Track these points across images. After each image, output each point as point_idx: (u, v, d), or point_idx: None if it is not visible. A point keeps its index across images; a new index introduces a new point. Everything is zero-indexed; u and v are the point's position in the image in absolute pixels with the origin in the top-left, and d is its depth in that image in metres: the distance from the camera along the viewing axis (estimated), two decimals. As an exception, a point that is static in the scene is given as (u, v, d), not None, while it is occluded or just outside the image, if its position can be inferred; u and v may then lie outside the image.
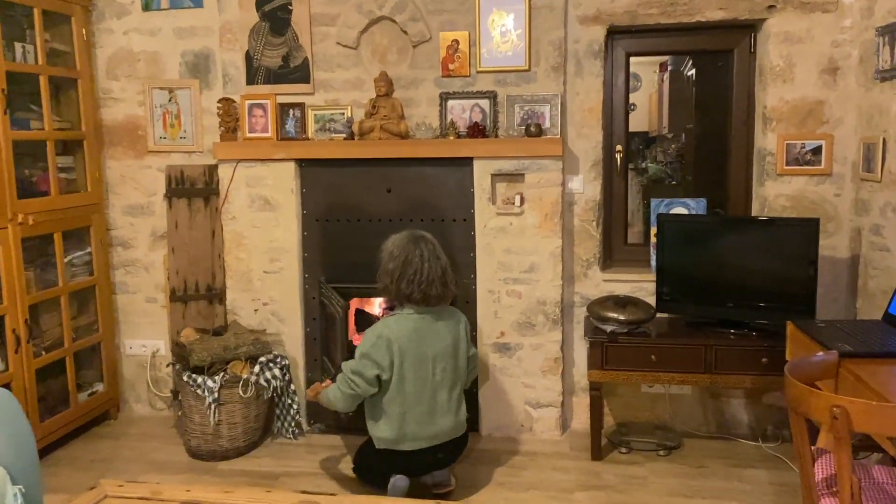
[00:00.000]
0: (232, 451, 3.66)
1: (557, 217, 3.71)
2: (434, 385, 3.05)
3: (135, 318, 4.32)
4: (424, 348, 3.04)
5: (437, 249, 3.14)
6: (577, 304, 3.92)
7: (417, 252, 3.05)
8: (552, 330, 3.79)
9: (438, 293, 3.06)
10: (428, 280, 3.03)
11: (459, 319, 3.21)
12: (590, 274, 3.89)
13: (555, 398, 3.85)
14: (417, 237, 3.11)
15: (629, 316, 3.50)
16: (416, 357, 3.02)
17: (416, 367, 3.02)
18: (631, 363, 3.48)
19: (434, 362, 3.05)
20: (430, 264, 3.05)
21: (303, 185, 3.91)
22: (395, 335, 3.02)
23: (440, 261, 3.10)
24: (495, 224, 3.76)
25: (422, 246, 3.08)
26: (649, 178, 5.42)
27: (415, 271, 3.02)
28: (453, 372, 3.11)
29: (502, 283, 3.79)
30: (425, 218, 3.84)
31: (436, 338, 3.07)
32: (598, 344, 3.51)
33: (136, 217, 4.24)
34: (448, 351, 3.09)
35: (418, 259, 3.04)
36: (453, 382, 3.12)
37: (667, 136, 5.45)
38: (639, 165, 5.37)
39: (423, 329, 3.05)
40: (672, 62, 5.13)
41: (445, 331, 3.10)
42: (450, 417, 3.10)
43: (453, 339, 3.12)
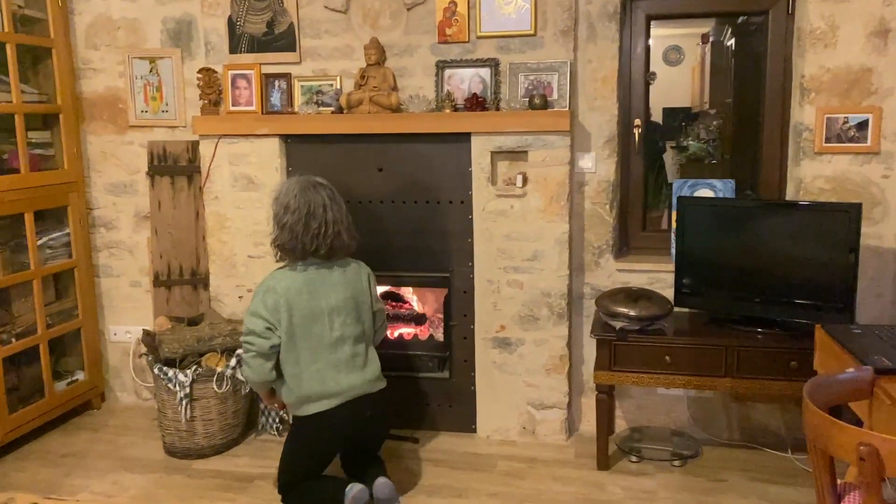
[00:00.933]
0: (208, 448, 3.40)
1: (564, 199, 3.34)
2: (332, 341, 2.78)
3: (119, 303, 4.09)
4: (317, 301, 2.77)
5: (337, 195, 2.88)
6: (588, 296, 3.55)
7: (319, 200, 2.78)
8: (557, 324, 3.43)
9: (345, 244, 2.84)
10: (335, 232, 2.79)
11: (360, 270, 2.95)
12: (602, 263, 3.51)
13: (560, 399, 3.50)
14: (314, 183, 2.83)
15: (641, 311, 3.12)
16: (308, 312, 2.75)
17: (308, 323, 2.75)
18: (642, 364, 3.11)
19: (331, 316, 2.78)
20: (333, 213, 2.80)
21: (288, 163, 3.60)
22: (283, 288, 2.75)
23: (342, 208, 2.86)
24: (495, 207, 3.40)
25: (322, 193, 2.81)
26: (688, 157, 5.00)
27: (319, 223, 2.76)
28: (355, 326, 2.84)
29: (502, 271, 3.44)
30: (419, 199, 3.50)
31: (331, 290, 2.81)
32: (605, 342, 3.14)
33: (118, 196, 3.99)
34: (348, 304, 2.83)
35: (321, 209, 2.78)
36: (356, 338, 2.85)
37: (709, 111, 5.02)
38: (680, 143, 4.98)
39: (316, 281, 2.79)
40: (714, 32, 4.68)
41: (342, 282, 2.84)
42: (356, 374, 2.81)
43: (353, 291, 2.87)
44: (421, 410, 3.65)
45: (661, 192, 3.78)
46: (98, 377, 4.02)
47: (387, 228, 3.55)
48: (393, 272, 3.58)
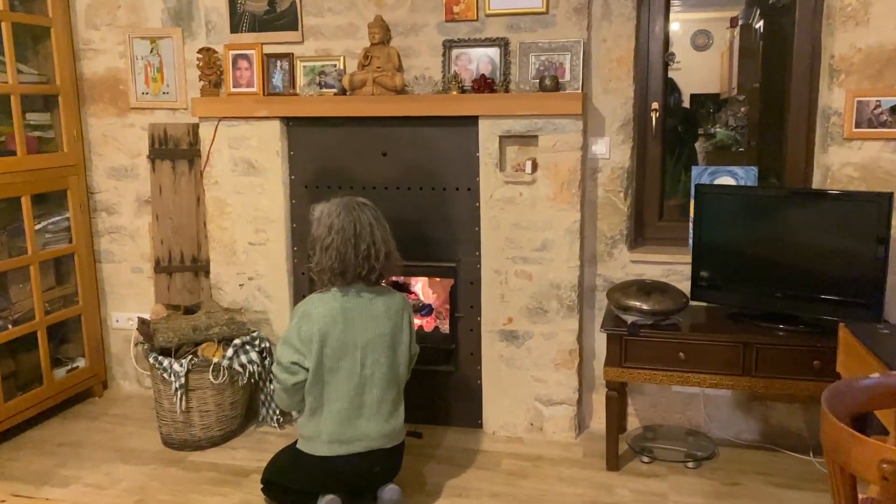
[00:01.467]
0: (205, 440, 3.31)
1: (576, 187, 3.17)
2: (362, 380, 2.57)
3: (121, 290, 4.01)
4: (353, 334, 2.55)
5: (381, 216, 2.69)
6: (600, 289, 3.39)
7: (365, 219, 2.59)
8: (567, 317, 3.28)
9: (393, 267, 2.67)
10: (385, 252, 2.62)
11: (404, 306, 2.71)
12: (615, 254, 3.35)
13: (569, 395, 3.35)
14: (358, 202, 2.64)
15: (655, 305, 2.96)
16: (341, 343, 2.53)
17: (338, 355, 2.53)
18: (655, 361, 2.95)
19: (364, 352, 2.56)
20: (381, 233, 2.63)
21: (290, 146, 3.48)
22: (319, 315, 2.54)
23: (387, 229, 2.67)
24: (503, 194, 3.25)
25: (367, 213, 2.62)
26: (714, 145, 4.82)
27: (368, 244, 2.56)
28: (389, 368, 2.61)
29: (510, 262, 3.30)
30: (424, 186, 3.36)
31: (370, 323, 2.58)
32: (616, 337, 2.99)
33: (119, 180, 3.90)
34: (384, 341, 2.59)
35: (368, 228, 2.59)
36: (388, 381, 2.62)
37: (737, 97, 4.82)
38: (708, 130, 4.79)
39: (355, 310, 2.57)
40: (742, 14, 4.47)
41: (384, 316, 2.61)
42: (378, 422, 2.59)
43: (393, 327, 2.63)
44: (426, 404, 3.52)
45: (680, 179, 3.60)
46: (99, 365, 3.94)
47: (390, 216, 3.35)
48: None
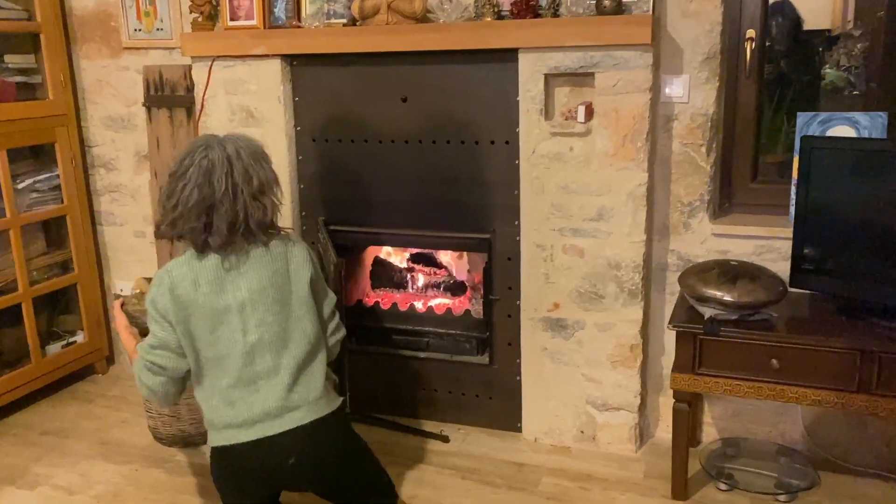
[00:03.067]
0: (198, 436, 2.84)
1: (643, 139, 2.47)
2: (247, 348, 1.94)
3: (123, 255, 3.58)
4: (222, 295, 1.93)
5: (252, 146, 1.97)
6: (673, 268, 2.70)
7: (218, 158, 1.88)
8: (628, 305, 2.61)
9: (263, 219, 1.96)
10: (246, 201, 1.91)
11: (290, 248, 2.04)
12: (693, 225, 2.64)
13: (629, 400, 2.70)
14: (216, 140, 1.94)
15: (741, 295, 2.26)
16: (210, 310, 1.93)
17: (211, 326, 1.93)
18: (738, 368, 2.27)
19: (242, 314, 1.94)
20: (240, 175, 1.90)
21: (294, 92, 2.89)
22: (174, 280, 1.93)
23: (261, 164, 1.95)
24: (549, 149, 2.58)
25: (226, 149, 1.91)
26: (825, 88, 3.97)
27: (221, 193, 1.87)
28: (282, 327, 1.97)
29: (557, 234, 2.64)
30: (452, 139, 2.73)
31: (241, 278, 1.95)
32: (688, 336, 2.31)
33: (117, 132, 3.43)
34: (266, 295, 1.95)
35: (223, 172, 1.88)
36: (284, 343, 1.97)
37: (852, 33, 3.93)
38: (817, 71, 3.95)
39: (220, 267, 1.95)
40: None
41: (258, 266, 1.97)
42: (279, 394, 1.94)
43: (275, 275, 1.98)
44: (454, 401, 2.96)
45: (781, 130, 2.83)
46: (100, 339, 3.54)
47: (412, 175, 2.80)
48: (419, 231, 2.84)
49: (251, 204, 1.91)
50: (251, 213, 1.92)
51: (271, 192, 1.98)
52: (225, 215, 1.88)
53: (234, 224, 1.90)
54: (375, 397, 3.02)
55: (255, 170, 1.93)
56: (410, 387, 3.00)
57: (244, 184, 1.90)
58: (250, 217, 1.92)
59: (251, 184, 1.91)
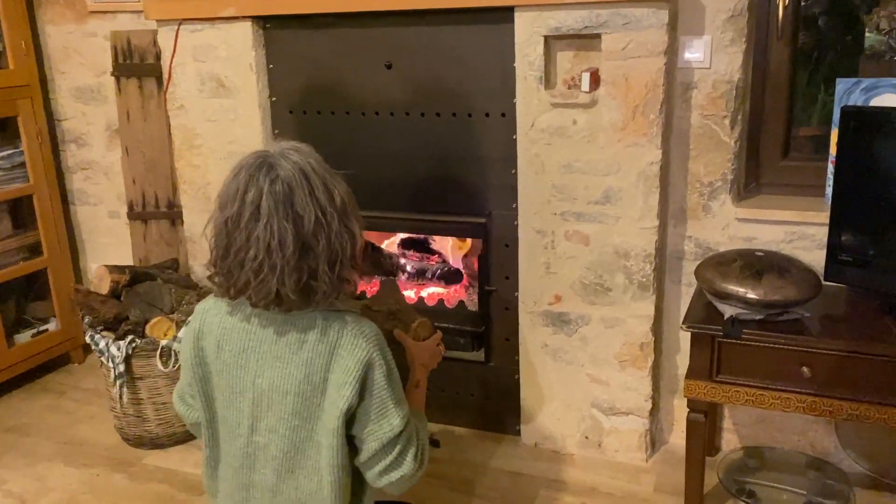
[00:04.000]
0: (165, 438, 2.62)
1: (657, 111, 2.16)
2: (251, 449, 1.45)
3: (99, 237, 3.34)
4: (243, 374, 1.41)
5: (320, 171, 1.35)
6: (691, 256, 2.40)
7: (249, 198, 1.30)
8: (638, 298, 2.31)
9: (280, 292, 1.32)
10: (266, 265, 1.30)
11: (343, 337, 1.37)
12: (714, 208, 2.32)
13: (639, 404, 2.42)
14: (265, 161, 1.33)
15: (767, 293, 1.96)
16: (227, 383, 1.44)
17: (228, 395, 1.45)
18: (763, 375, 1.98)
19: (257, 406, 1.41)
20: (274, 227, 1.29)
21: (269, 58, 2.60)
22: (207, 327, 1.45)
23: (333, 202, 1.33)
24: (549, 122, 2.27)
25: (261, 181, 1.30)
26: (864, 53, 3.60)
27: (241, 242, 1.31)
28: (294, 445, 1.41)
29: (559, 219, 2.34)
30: (443, 110, 2.43)
31: (269, 362, 1.39)
32: (705, 339, 2.01)
33: (87, 104, 3.17)
34: (288, 400, 1.38)
35: (252, 211, 1.30)
36: (293, 466, 1.42)
37: (894, -8, 3.56)
38: (854, 34, 3.57)
39: (248, 332, 1.41)
40: None
41: (295, 355, 1.38)
42: None
43: (308, 376, 1.37)
44: (447, 401, 2.69)
45: (817, 99, 2.48)
46: (75, 326, 3.30)
47: (397, 151, 2.51)
48: (406, 214, 2.56)
49: (340, 233, 1.33)
50: (345, 246, 1.34)
51: (356, 219, 1.38)
52: (323, 253, 1.31)
53: (332, 264, 1.33)
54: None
55: (334, 185, 1.35)
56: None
57: (329, 204, 1.32)
58: (343, 254, 1.33)
59: (335, 204, 1.33)
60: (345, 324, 1.37)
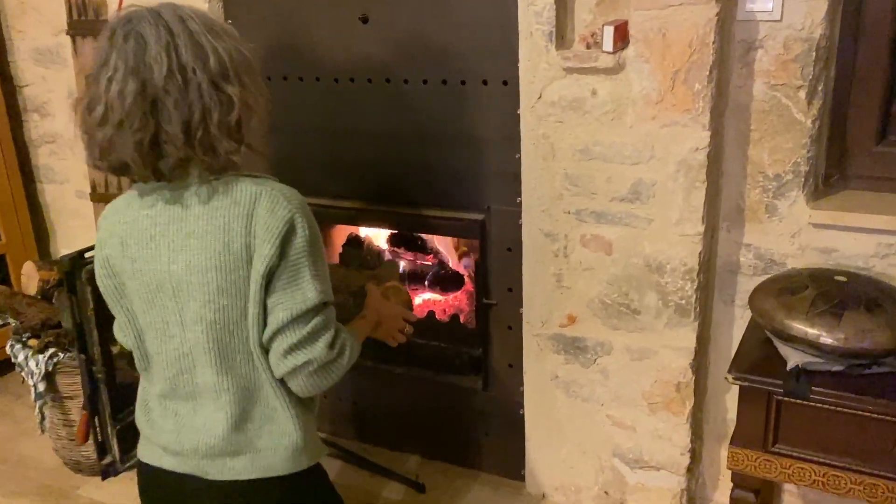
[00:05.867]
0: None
1: (705, 78, 1.59)
2: (186, 347, 1.24)
3: (68, 220, 2.96)
4: (155, 263, 1.21)
5: (196, 27, 1.17)
6: (747, 271, 1.84)
7: (133, 41, 1.14)
8: (676, 325, 1.77)
9: (204, 153, 1.17)
10: (100, 118, 1.14)
11: (261, 199, 1.18)
12: (782, 208, 1.75)
13: (673, 457, 1.89)
14: (127, 16, 1.17)
15: (850, 337, 1.40)
16: (142, 282, 1.23)
17: (146, 299, 1.24)
18: (839, 450, 1.43)
19: (177, 297, 1.22)
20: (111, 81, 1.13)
21: (226, 12, 2.13)
22: (106, 231, 1.26)
23: (205, 60, 1.15)
24: (562, 93, 1.73)
25: (147, 22, 1.15)
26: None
27: (113, 98, 1.13)
28: (227, 329, 1.21)
29: (574, 219, 1.81)
30: (430, 76, 1.92)
31: (183, 241, 1.20)
32: (758, 395, 1.47)
33: (47, 67, 2.77)
34: (210, 277, 1.19)
35: (97, 68, 1.16)
36: (228, 347, 1.22)
37: None
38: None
39: (152, 218, 1.21)
40: None
41: (210, 224, 1.19)
42: (221, 426, 1.24)
43: (227, 245, 1.18)
44: (438, 433, 2.22)
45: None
46: (42, 319, 2.95)
47: (376, 127, 2.02)
48: (387, 206, 2.07)
49: (210, 94, 1.16)
50: (211, 109, 1.16)
51: (240, 84, 1.19)
52: (176, 111, 1.14)
53: (188, 125, 1.15)
54: (335, 419, 2.32)
55: (212, 44, 1.17)
56: (381, 409, 2.27)
57: (195, 61, 1.15)
58: (209, 117, 1.16)
59: (207, 63, 1.16)
60: (260, 185, 1.20)
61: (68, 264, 1.69)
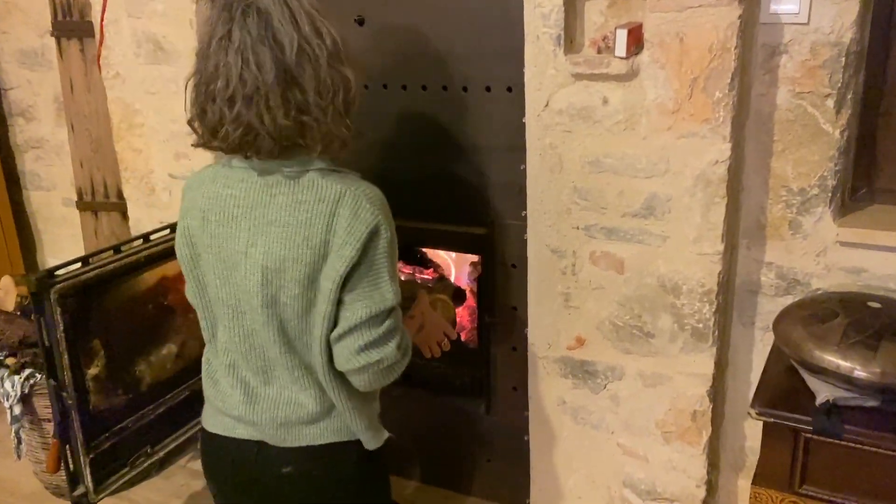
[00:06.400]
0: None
1: (726, 86, 1.47)
2: (253, 324, 1.23)
3: (55, 228, 2.87)
4: (232, 240, 1.21)
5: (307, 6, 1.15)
6: (768, 291, 1.72)
7: (219, 28, 1.13)
8: (692, 350, 1.66)
9: (261, 132, 1.13)
10: (255, 96, 1.11)
11: (346, 196, 1.16)
12: (807, 224, 1.63)
13: (688, 489, 1.77)
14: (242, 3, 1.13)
15: (887, 370, 1.28)
16: (217, 250, 1.22)
17: (218, 272, 1.24)
18: (876, 493, 1.31)
19: (249, 276, 1.20)
20: (238, 53, 1.11)
21: (215, 11, 2.01)
22: (189, 201, 1.26)
23: (321, 37, 1.14)
24: (571, 101, 1.62)
25: (234, 10, 1.12)
26: None
27: (224, 76, 1.11)
28: (295, 307, 1.20)
29: (583, 235, 1.69)
30: (430, 82, 1.80)
31: (263, 227, 1.19)
32: (783, 432, 1.35)
33: (32, 70, 2.67)
34: (286, 259, 1.17)
35: (215, 43, 1.13)
36: (296, 330, 1.22)
37: None
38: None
39: (235, 199, 1.21)
40: None
41: (286, 215, 1.17)
42: (290, 395, 1.26)
43: (308, 239, 1.16)
44: (437, 458, 2.10)
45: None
46: (28, 331, 2.84)
47: (375, 135, 1.90)
48: (383, 220, 1.95)
49: (330, 73, 1.14)
50: (336, 87, 1.15)
51: (351, 66, 1.18)
52: (312, 83, 1.12)
53: (322, 98, 1.13)
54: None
55: (325, 24, 1.16)
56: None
57: (316, 37, 1.14)
58: (336, 95, 1.15)
59: (325, 42, 1.14)
60: (346, 183, 1.17)
61: (35, 284, 1.57)
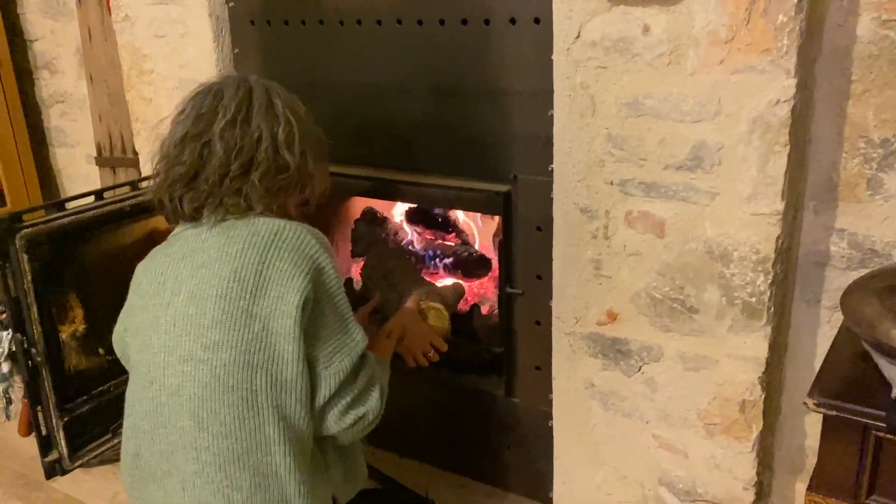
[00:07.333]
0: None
1: (791, 10, 1.21)
2: (164, 396, 1.10)
3: (81, 186, 2.76)
4: (157, 295, 1.15)
5: (281, 100, 1.21)
6: (839, 264, 1.45)
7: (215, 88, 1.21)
8: (743, 329, 1.40)
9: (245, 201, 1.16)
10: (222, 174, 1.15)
11: (279, 233, 1.12)
12: (889, 183, 1.36)
13: (734, 492, 1.52)
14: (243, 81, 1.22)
15: None
16: (144, 312, 1.16)
17: (140, 335, 1.16)
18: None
19: (166, 332, 1.11)
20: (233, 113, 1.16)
21: (221, -56, 1.85)
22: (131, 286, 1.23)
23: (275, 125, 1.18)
24: (605, 30, 1.38)
25: (231, 81, 1.21)
26: None
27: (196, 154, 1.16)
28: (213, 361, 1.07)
29: (617, 191, 1.46)
30: (448, 15, 1.58)
31: (188, 268, 1.13)
32: (849, 428, 1.09)
33: (56, 20, 2.57)
34: (209, 298, 1.09)
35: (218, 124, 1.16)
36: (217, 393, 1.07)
37: None
38: None
39: (169, 255, 1.18)
40: None
41: (215, 252, 1.12)
42: None
43: (234, 269, 1.10)
44: (453, 443, 1.90)
45: None
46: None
47: (384, 81, 1.70)
48: (394, 173, 1.75)
49: (268, 155, 1.17)
50: (260, 165, 1.16)
51: (301, 158, 1.20)
52: (222, 155, 1.14)
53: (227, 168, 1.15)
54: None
55: (287, 116, 1.20)
56: (390, 409, 1.96)
57: (264, 122, 1.17)
58: (254, 170, 1.16)
59: (276, 129, 1.18)
60: (284, 221, 1.15)
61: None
